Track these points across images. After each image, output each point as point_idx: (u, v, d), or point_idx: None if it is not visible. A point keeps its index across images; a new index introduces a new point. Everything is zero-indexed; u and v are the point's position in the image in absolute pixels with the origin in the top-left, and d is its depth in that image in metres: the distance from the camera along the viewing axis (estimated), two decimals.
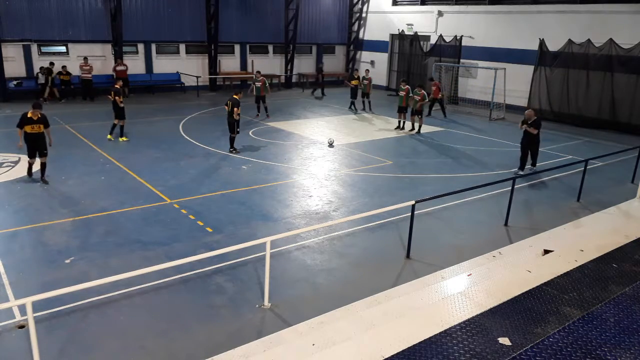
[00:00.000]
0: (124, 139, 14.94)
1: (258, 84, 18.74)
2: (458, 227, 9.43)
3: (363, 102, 21.74)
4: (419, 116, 17.54)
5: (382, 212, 8.62)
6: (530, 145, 12.88)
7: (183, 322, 6.14)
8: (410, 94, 17.64)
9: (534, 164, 13.04)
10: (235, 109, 13.78)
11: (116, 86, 14.99)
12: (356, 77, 22.23)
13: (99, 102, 21.30)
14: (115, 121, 14.89)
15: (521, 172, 12.71)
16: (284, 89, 28.14)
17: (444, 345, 4.53)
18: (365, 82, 21.18)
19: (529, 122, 12.60)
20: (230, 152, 14.05)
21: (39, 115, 10.71)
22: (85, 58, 21.57)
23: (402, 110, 18.11)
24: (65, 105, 20.47)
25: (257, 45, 27.50)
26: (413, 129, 17.78)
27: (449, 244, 8.70)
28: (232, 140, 14.17)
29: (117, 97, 14.54)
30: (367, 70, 22.11)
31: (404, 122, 18.14)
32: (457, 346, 4.50)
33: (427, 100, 17.98)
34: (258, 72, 19.49)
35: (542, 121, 20.65)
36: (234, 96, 14.03)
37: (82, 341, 5.73)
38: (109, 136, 14.88)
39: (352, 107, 21.93)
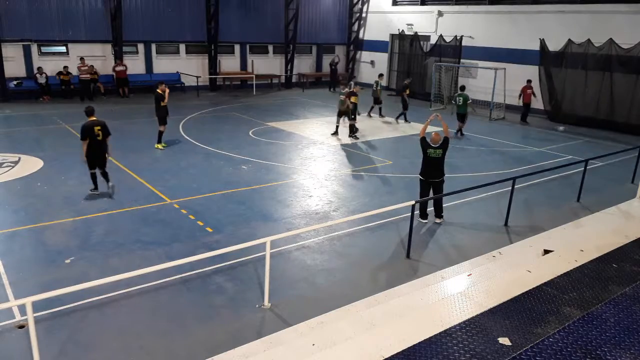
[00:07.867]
0: (158, 145, 14.20)
1: (342, 97, 16.17)
2: (458, 227, 9.43)
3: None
4: (353, 116, 16.20)
5: (382, 212, 8.61)
6: (437, 183, 9.29)
7: (183, 322, 6.14)
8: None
9: (438, 214, 9.60)
10: (351, 98, 15.80)
11: (158, 91, 13.89)
12: (355, 91, 16.94)
13: (98, 102, 21.30)
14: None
15: (424, 221, 9.57)
16: (284, 89, 28.11)
17: (444, 345, 4.52)
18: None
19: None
20: (351, 137, 16.11)
21: None
22: (82, 58, 21.56)
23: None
24: (65, 105, 20.43)
25: (257, 45, 27.49)
26: (337, 130, 16.51)
27: (449, 244, 8.70)
28: (351, 127, 16.24)
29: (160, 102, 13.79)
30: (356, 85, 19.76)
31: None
32: (457, 346, 4.50)
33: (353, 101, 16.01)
34: (353, 83, 17.61)
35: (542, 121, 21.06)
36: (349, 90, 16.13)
37: (82, 341, 5.73)
38: (157, 145, 14.19)
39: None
